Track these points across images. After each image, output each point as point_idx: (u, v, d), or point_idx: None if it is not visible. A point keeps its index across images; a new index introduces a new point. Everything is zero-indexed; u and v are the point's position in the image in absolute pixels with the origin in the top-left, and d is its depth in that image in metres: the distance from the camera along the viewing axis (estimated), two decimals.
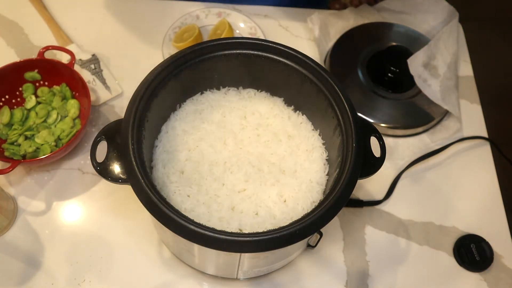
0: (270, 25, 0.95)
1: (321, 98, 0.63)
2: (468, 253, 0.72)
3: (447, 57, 0.85)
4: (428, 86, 0.81)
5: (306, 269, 0.71)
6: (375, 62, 0.87)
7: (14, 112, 0.77)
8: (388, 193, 0.78)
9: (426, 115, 0.83)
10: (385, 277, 0.71)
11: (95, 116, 0.82)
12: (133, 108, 0.57)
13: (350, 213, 0.76)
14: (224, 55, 0.64)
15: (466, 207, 0.78)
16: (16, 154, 0.73)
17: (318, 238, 0.66)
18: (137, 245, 0.71)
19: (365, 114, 0.82)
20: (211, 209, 0.60)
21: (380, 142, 0.61)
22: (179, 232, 0.50)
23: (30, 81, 0.79)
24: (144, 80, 0.60)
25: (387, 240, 0.74)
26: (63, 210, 0.73)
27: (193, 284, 0.69)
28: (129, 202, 0.73)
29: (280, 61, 0.64)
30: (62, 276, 0.68)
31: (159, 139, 0.66)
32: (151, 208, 0.51)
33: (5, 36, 0.90)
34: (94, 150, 0.57)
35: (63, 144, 0.75)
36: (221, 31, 0.87)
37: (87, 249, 0.70)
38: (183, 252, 0.64)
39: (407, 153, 0.82)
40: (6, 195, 0.71)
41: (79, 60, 0.86)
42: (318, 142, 0.67)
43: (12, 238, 0.70)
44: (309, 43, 0.94)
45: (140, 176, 0.53)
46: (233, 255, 0.56)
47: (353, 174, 0.55)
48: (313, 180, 0.64)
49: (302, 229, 0.51)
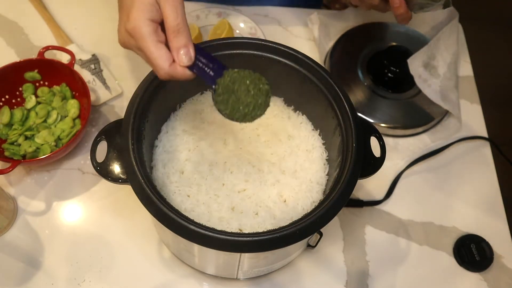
0: (270, 25, 0.94)
1: (321, 98, 0.63)
2: (468, 253, 0.72)
3: (447, 57, 0.84)
4: (428, 86, 0.81)
5: (306, 269, 0.71)
6: (375, 62, 0.87)
7: (14, 112, 0.77)
8: (388, 193, 0.78)
9: (426, 115, 0.83)
10: (385, 277, 0.71)
11: (95, 116, 0.82)
12: (133, 108, 0.58)
13: (350, 213, 0.76)
14: (224, 55, 0.64)
15: (466, 207, 0.78)
16: (16, 154, 0.73)
17: (318, 238, 0.66)
18: (137, 245, 0.71)
19: (365, 114, 0.82)
20: (211, 209, 0.60)
21: (380, 142, 0.61)
22: (179, 232, 0.50)
23: (30, 81, 0.79)
24: (144, 80, 0.60)
25: (387, 240, 0.74)
26: (63, 210, 0.73)
27: (193, 284, 0.69)
28: (129, 202, 0.73)
29: (280, 61, 0.64)
30: (62, 276, 0.68)
31: (159, 139, 0.66)
32: (151, 208, 0.51)
33: (5, 36, 0.90)
34: (94, 150, 0.57)
35: (63, 144, 0.75)
36: (221, 31, 0.87)
37: (87, 249, 0.70)
38: (183, 252, 0.64)
39: (407, 153, 0.82)
40: (6, 195, 0.71)
41: (79, 60, 0.86)
42: (318, 142, 0.67)
43: (12, 238, 0.70)
44: (309, 43, 0.94)
45: (140, 176, 0.53)
46: (233, 255, 0.56)
47: (353, 174, 0.55)
48: (313, 180, 0.64)
49: (302, 229, 0.51)
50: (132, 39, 0.50)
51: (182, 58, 0.50)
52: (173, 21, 0.49)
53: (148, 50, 0.49)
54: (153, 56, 0.49)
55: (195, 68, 0.51)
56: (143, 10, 0.49)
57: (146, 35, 0.49)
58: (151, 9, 0.50)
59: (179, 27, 0.49)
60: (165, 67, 0.50)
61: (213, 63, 0.52)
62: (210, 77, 0.52)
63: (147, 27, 0.49)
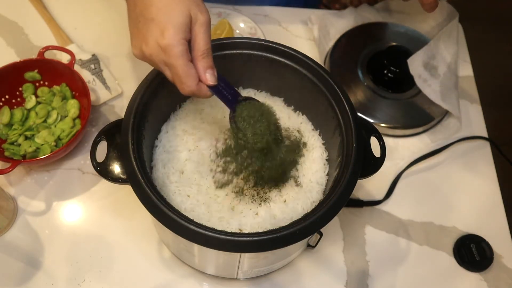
0: (270, 25, 0.94)
1: (321, 98, 0.63)
2: (468, 253, 0.72)
3: (447, 57, 0.84)
4: (428, 86, 0.81)
5: (306, 269, 0.71)
6: (375, 62, 0.87)
7: (14, 112, 0.77)
8: (388, 193, 0.78)
9: (426, 115, 0.83)
10: (385, 277, 0.71)
11: (95, 116, 0.82)
12: (133, 108, 0.58)
13: (350, 213, 0.76)
14: (224, 55, 0.64)
15: (466, 207, 0.78)
16: (16, 154, 0.73)
17: (318, 238, 0.66)
18: (137, 245, 0.71)
19: (365, 114, 0.82)
20: (211, 209, 0.60)
21: (380, 142, 0.61)
22: (179, 232, 0.50)
23: (30, 81, 0.79)
24: (144, 80, 0.60)
25: (387, 240, 0.74)
26: (63, 210, 0.73)
27: (193, 284, 0.69)
28: (129, 202, 0.73)
29: (280, 61, 0.64)
30: (62, 276, 0.68)
31: (159, 139, 0.66)
32: (151, 208, 0.51)
33: (5, 36, 0.90)
34: (94, 150, 0.57)
35: (63, 144, 0.75)
36: (221, 31, 0.87)
37: (87, 249, 0.70)
38: (183, 252, 0.64)
39: (407, 153, 0.82)
40: (6, 195, 0.71)
41: (79, 60, 0.86)
42: (318, 142, 0.67)
43: (12, 238, 0.70)
44: (309, 43, 0.94)
45: (140, 176, 0.53)
46: (233, 255, 0.56)
47: (353, 174, 0.55)
48: (313, 180, 0.64)
49: (302, 229, 0.51)
50: (163, 55, 0.52)
51: (209, 77, 0.54)
52: (205, 45, 0.54)
53: (181, 68, 0.52)
54: (184, 74, 0.52)
55: (215, 89, 0.56)
56: (180, 29, 0.52)
57: (180, 54, 0.52)
58: (186, 30, 0.53)
59: (208, 51, 0.54)
60: (193, 85, 0.53)
61: (231, 88, 0.58)
62: (228, 100, 0.58)
63: (182, 46, 0.52)
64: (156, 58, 0.53)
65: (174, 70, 0.52)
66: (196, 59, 0.53)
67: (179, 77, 0.53)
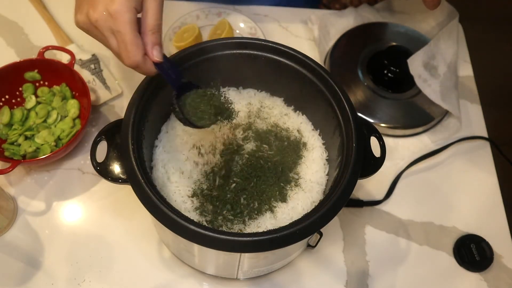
0: (270, 25, 0.94)
1: (321, 98, 0.63)
2: (468, 253, 0.72)
3: (447, 57, 0.84)
4: (428, 86, 0.81)
5: (306, 269, 0.71)
6: (375, 62, 0.87)
7: (14, 112, 0.77)
8: (388, 193, 0.78)
9: (426, 115, 0.83)
10: (385, 277, 0.71)
11: (95, 116, 0.82)
12: (133, 108, 0.58)
13: (350, 213, 0.76)
14: (224, 55, 0.64)
15: (466, 207, 0.78)
16: (16, 154, 0.73)
17: (318, 238, 0.66)
18: (137, 245, 0.71)
19: (365, 114, 0.82)
20: None
21: (380, 142, 0.61)
22: (179, 232, 0.50)
23: (30, 81, 0.79)
24: (144, 80, 0.60)
25: (387, 240, 0.74)
26: (63, 210, 0.73)
27: (193, 284, 0.69)
28: (129, 202, 0.73)
29: (280, 61, 0.64)
30: (62, 276, 0.68)
31: (159, 139, 0.66)
32: (151, 208, 0.51)
33: (5, 36, 0.90)
34: (94, 150, 0.57)
35: (63, 144, 0.75)
36: (221, 31, 0.87)
37: (87, 249, 0.70)
38: (183, 252, 0.64)
39: (407, 153, 0.82)
40: (6, 195, 0.71)
41: (79, 60, 0.86)
42: (318, 142, 0.67)
43: (12, 238, 0.70)
44: (309, 43, 0.94)
45: (140, 176, 0.53)
46: (233, 255, 0.56)
47: (353, 174, 0.55)
48: (313, 180, 0.64)
49: (302, 229, 0.51)
50: (111, 21, 0.50)
51: (156, 54, 0.52)
52: (155, 20, 0.52)
53: (128, 36, 0.50)
54: (130, 42, 0.50)
55: (160, 66, 0.54)
56: None
57: (128, 21, 0.50)
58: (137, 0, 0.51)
59: (159, 26, 0.52)
60: (138, 56, 0.51)
61: (175, 68, 0.56)
62: (172, 79, 0.56)
63: (132, 14, 0.50)
64: (103, 24, 0.51)
65: (121, 37, 0.50)
66: (145, 33, 0.52)
67: (125, 45, 0.51)
